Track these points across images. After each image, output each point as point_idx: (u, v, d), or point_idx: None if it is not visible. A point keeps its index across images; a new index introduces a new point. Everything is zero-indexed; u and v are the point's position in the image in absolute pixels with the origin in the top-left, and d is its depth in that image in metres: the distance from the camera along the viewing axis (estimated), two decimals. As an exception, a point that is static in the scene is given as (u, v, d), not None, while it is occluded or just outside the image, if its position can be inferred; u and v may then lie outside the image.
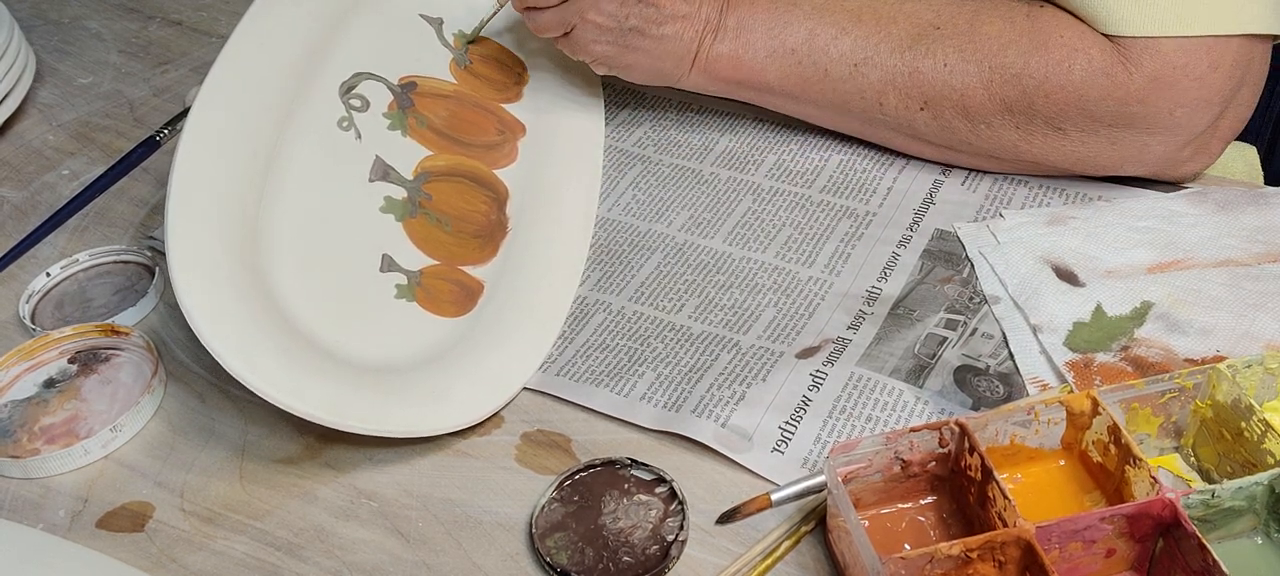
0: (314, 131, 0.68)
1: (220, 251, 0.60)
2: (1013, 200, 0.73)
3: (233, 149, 0.64)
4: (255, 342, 0.57)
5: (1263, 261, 0.66)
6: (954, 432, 0.53)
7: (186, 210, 0.60)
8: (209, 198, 0.61)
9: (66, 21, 1.05)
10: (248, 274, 0.60)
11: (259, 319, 0.59)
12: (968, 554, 0.48)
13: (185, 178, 0.61)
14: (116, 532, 0.58)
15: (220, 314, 0.57)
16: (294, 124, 0.68)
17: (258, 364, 0.57)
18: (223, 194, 0.62)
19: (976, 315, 0.65)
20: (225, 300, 0.58)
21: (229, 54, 0.66)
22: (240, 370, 0.56)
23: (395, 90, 0.74)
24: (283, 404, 0.56)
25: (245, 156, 0.64)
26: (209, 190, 0.62)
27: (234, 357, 0.56)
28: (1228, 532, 0.51)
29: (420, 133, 0.73)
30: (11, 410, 0.65)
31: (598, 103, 0.82)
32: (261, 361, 0.57)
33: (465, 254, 0.70)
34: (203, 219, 0.60)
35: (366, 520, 0.58)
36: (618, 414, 0.62)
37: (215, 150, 0.63)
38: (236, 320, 0.58)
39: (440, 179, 0.72)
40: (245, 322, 0.58)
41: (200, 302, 0.57)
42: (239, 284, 0.59)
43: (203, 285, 0.58)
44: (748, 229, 0.74)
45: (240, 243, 0.61)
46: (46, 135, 0.90)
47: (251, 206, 0.63)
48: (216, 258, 0.59)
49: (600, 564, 0.54)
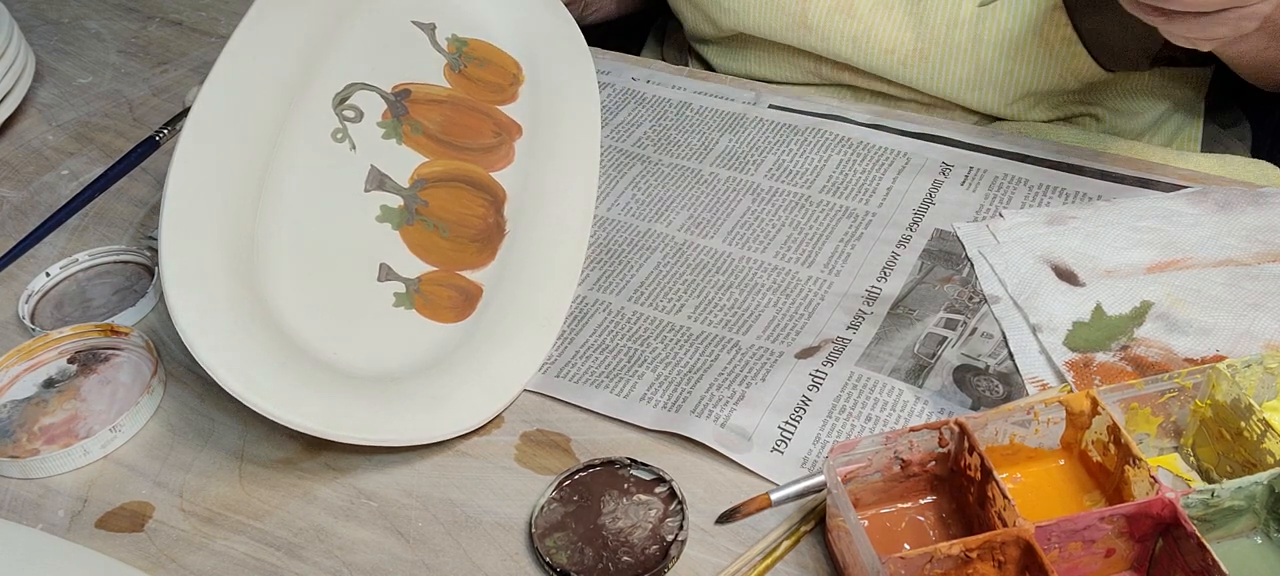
0: (308, 144, 0.68)
1: (215, 268, 0.60)
2: (1012, 200, 0.73)
3: (227, 165, 0.64)
4: (251, 358, 0.58)
5: (1263, 261, 0.66)
6: (954, 432, 0.53)
7: (180, 228, 0.60)
8: (203, 215, 0.62)
9: (66, 21, 1.05)
10: (244, 289, 0.60)
11: (255, 334, 0.59)
12: (967, 553, 0.48)
13: (178, 196, 0.61)
14: (116, 532, 0.58)
15: (215, 331, 0.58)
16: (288, 137, 0.68)
17: (253, 379, 0.57)
18: (217, 210, 0.62)
19: (976, 315, 0.65)
20: (220, 317, 0.58)
21: (221, 70, 0.66)
22: (236, 387, 0.56)
23: (389, 98, 0.73)
24: (279, 418, 0.57)
25: (239, 171, 0.64)
26: (203, 207, 0.62)
27: (229, 375, 0.57)
28: (1227, 532, 0.51)
29: (415, 139, 0.73)
30: (11, 410, 0.65)
31: (594, 101, 0.81)
32: (257, 377, 0.57)
33: (463, 259, 0.70)
34: (197, 236, 0.61)
35: (366, 520, 0.58)
36: (617, 415, 0.62)
37: (209, 167, 0.63)
38: (231, 337, 0.58)
39: (437, 185, 0.72)
40: (241, 339, 0.58)
41: (195, 321, 0.57)
42: (234, 299, 0.59)
43: (197, 304, 0.58)
44: (747, 229, 0.74)
45: (235, 258, 0.61)
46: (46, 135, 0.90)
47: (247, 221, 0.63)
48: (211, 275, 0.60)
49: (600, 564, 0.54)
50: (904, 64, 0.80)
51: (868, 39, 0.80)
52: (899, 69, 0.81)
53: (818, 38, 0.82)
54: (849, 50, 0.82)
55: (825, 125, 0.82)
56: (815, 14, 0.82)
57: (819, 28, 0.82)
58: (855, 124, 0.82)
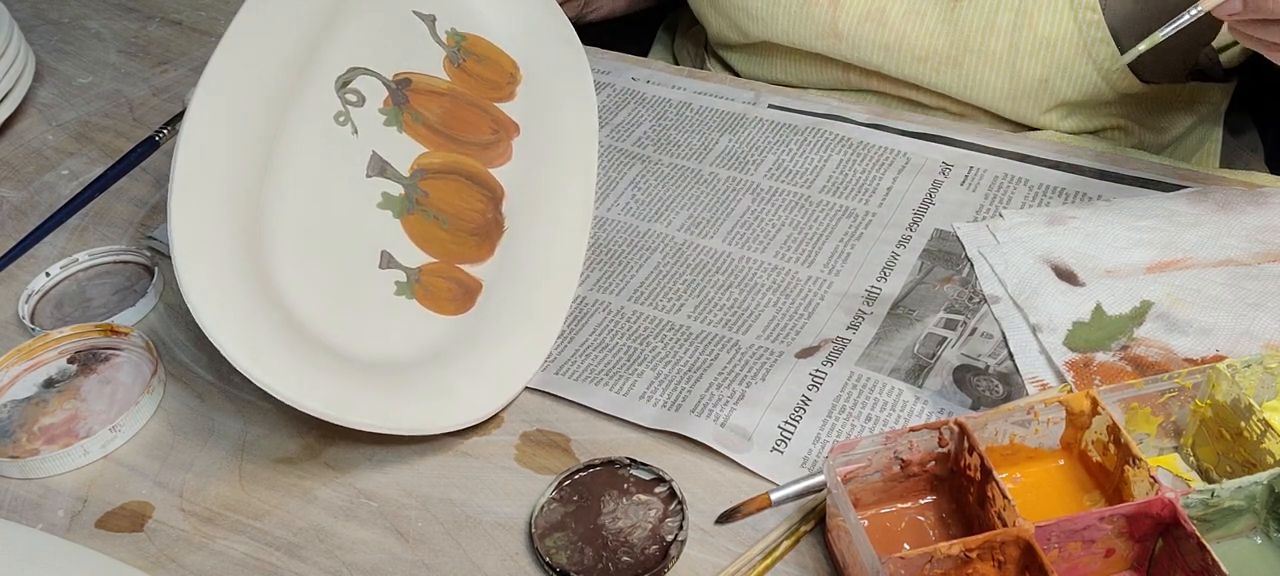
0: (312, 125, 0.68)
1: (224, 243, 0.59)
2: (1012, 200, 0.73)
3: (234, 139, 0.63)
4: (261, 337, 0.57)
5: (1262, 261, 0.66)
6: (953, 432, 0.53)
7: (190, 201, 0.59)
8: (212, 189, 0.61)
9: (66, 21, 1.05)
10: (252, 266, 0.60)
11: (265, 312, 0.58)
12: (967, 553, 0.48)
13: (188, 169, 0.60)
14: (116, 532, 0.58)
15: (225, 307, 0.57)
16: (292, 117, 0.67)
17: (263, 359, 0.56)
18: (225, 185, 0.61)
19: (976, 315, 0.65)
20: (231, 293, 0.57)
21: (227, 46, 0.66)
22: (246, 364, 0.55)
23: (390, 86, 0.73)
24: (290, 399, 0.56)
25: (246, 147, 0.63)
26: (211, 181, 0.61)
27: (240, 351, 0.56)
28: (1227, 532, 0.51)
29: (416, 129, 0.73)
30: (11, 410, 0.65)
31: (591, 100, 0.81)
32: (267, 356, 0.56)
33: (463, 252, 0.70)
34: (207, 210, 0.60)
35: (366, 520, 0.58)
36: (617, 413, 0.62)
37: (217, 140, 0.62)
38: (242, 313, 0.57)
39: (437, 176, 0.72)
40: (251, 316, 0.57)
41: (206, 295, 0.56)
42: (244, 276, 0.59)
43: (208, 277, 0.57)
44: (747, 229, 0.74)
45: (243, 234, 0.61)
46: (46, 135, 0.90)
47: (254, 198, 0.63)
48: (221, 250, 0.59)
49: (600, 563, 0.54)
50: (937, 72, 0.78)
51: (900, 47, 0.79)
52: (932, 77, 0.79)
53: (848, 46, 0.81)
54: (880, 58, 0.80)
55: (825, 125, 0.82)
56: (846, 22, 0.80)
57: (850, 36, 0.80)
58: (855, 124, 0.82)
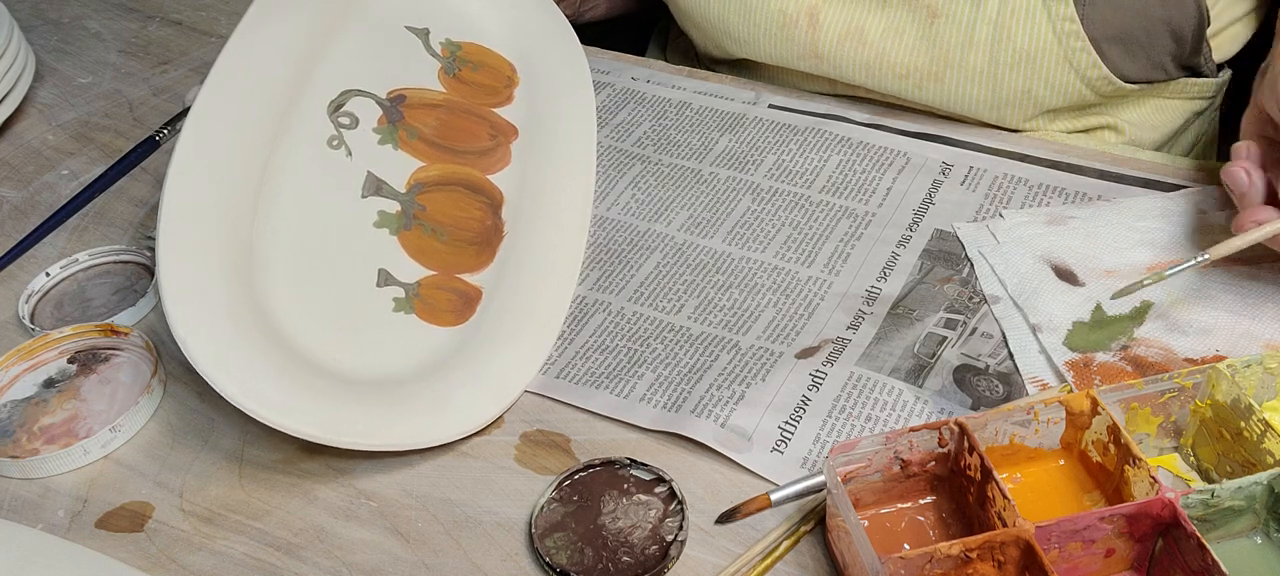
0: (304, 151, 0.68)
1: (213, 277, 0.60)
2: (1012, 200, 0.73)
3: (223, 174, 0.64)
4: (250, 366, 0.58)
5: (1262, 261, 0.66)
6: (953, 432, 0.53)
7: (177, 237, 0.60)
8: (200, 223, 0.61)
9: (66, 21, 1.05)
10: (242, 297, 0.60)
11: (254, 341, 0.59)
12: (967, 553, 0.48)
13: (175, 205, 0.61)
14: (116, 532, 0.58)
15: (213, 340, 0.58)
16: (284, 144, 0.68)
17: (252, 387, 0.57)
18: (214, 218, 0.62)
19: (976, 315, 0.65)
20: (219, 325, 0.58)
21: (216, 79, 0.66)
22: (235, 395, 0.57)
23: (384, 104, 0.73)
24: (278, 425, 0.57)
25: (236, 180, 0.64)
26: (200, 216, 0.62)
27: (229, 382, 0.57)
28: (1227, 532, 0.51)
29: (411, 144, 0.73)
30: (11, 410, 0.65)
31: (589, 101, 0.81)
32: (256, 384, 0.57)
33: (462, 262, 0.70)
34: (194, 245, 0.61)
35: (366, 520, 0.58)
36: (617, 415, 0.62)
37: (205, 177, 0.63)
38: (230, 345, 0.58)
39: (434, 189, 0.72)
40: (239, 346, 0.58)
41: (194, 331, 0.57)
42: (233, 308, 0.59)
43: (195, 313, 0.58)
44: (747, 229, 0.74)
45: (234, 266, 0.61)
46: (46, 135, 0.90)
47: (244, 229, 0.63)
48: (209, 284, 0.60)
49: (600, 564, 0.54)
50: (920, 87, 0.79)
51: (881, 65, 0.79)
52: (915, 93, 0.80)
53: (830, 66, 0.81)
54: (862, 77, 0.81)
55: (825, 125, 0.82)
56: (825, 43, 0.80)
57: (830, 56, 0.81)
58: (855, 124, 0.82)
